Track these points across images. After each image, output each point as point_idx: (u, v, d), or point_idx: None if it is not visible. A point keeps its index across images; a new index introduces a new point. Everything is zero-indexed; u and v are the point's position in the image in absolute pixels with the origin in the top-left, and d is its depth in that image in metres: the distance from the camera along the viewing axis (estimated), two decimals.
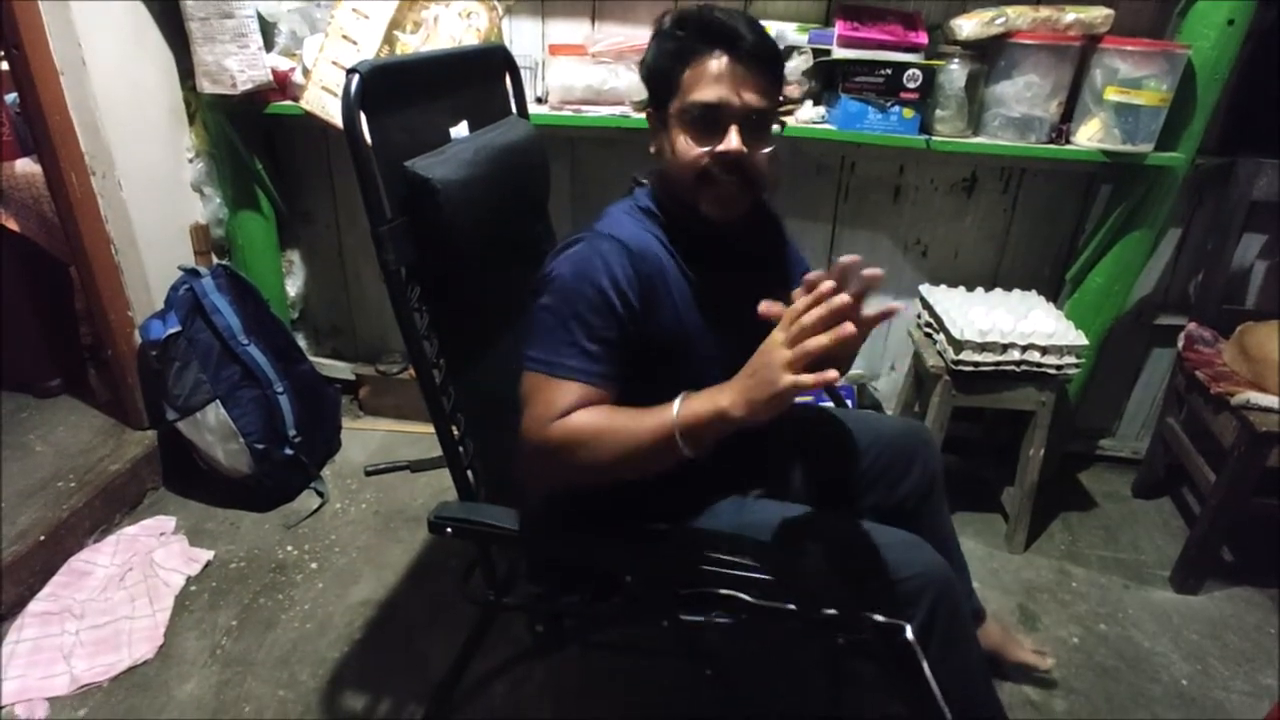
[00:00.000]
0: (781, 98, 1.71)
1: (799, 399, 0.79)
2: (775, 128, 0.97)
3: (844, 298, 0.73)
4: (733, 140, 0.91)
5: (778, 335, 0.76)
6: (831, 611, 0.95)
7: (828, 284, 0.74)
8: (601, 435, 0.86)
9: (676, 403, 0.83)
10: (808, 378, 0.73)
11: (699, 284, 0.99)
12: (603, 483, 0.91)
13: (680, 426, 0.81)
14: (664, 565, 0.97)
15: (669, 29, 0.95)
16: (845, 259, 0.76)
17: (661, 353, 0.96)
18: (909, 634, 0.93)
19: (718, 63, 0.91)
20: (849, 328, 0.72)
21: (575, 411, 0.87)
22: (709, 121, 0.92)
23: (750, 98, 0.92)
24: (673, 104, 0.94)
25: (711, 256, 1.00)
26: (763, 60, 0.93)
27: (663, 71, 0.95)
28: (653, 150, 1.01)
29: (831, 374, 0.72)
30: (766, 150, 0.95)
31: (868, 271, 0.77)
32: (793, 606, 0.97)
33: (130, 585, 1.58)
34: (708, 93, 0.91)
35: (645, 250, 0.95)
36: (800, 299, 0.75)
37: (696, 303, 0.99)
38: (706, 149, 0.93)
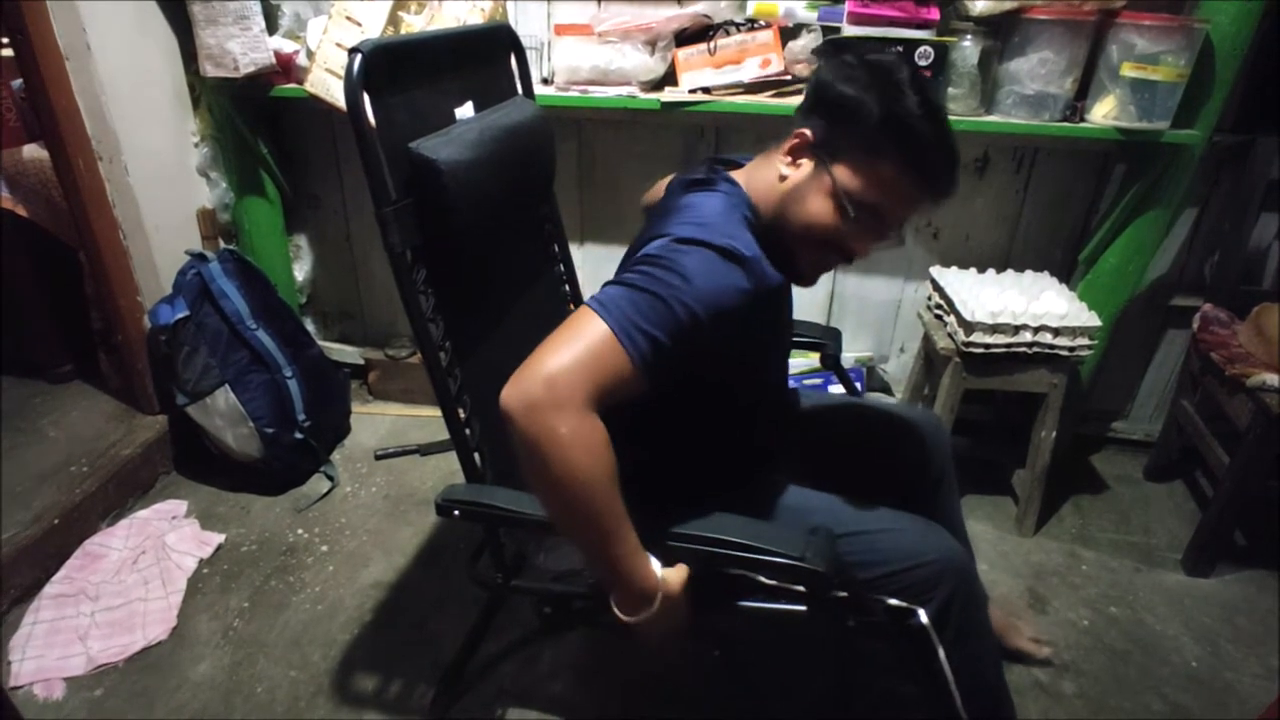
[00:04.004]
0: (790, 76, 1.70)
1: (809, 381, 0.79)
2: None
3: None
4: (870, 249, 0.89)
5: None
6: (842, 594, 0.95)
7: None
8: (602, 469, 0.76)
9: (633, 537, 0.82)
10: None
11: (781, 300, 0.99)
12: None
13: (619, 560, 0.81)
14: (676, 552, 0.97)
15: (908, 116, 0.82)
16: None
17: (744, 367, 0.96)
18: (923, 618, 0.93)
19: (922, 190, 0.85)
20: None
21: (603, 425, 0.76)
22: (870, 221, 0.87)
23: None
24: (845, 170, 0.85)
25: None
26: None
27: (867, 139, 0.83)
28: (783, 177, 0.90)
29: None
30: None
31: None
32: (802, 589, 0.97)
33: (143, 568, 1.60)
34: (893, 204, 0.86)
35: (767, 287, 0.86)
36: None
37: (777, 319, 0.99)
38: (846, 237, 0.88)
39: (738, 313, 0.81)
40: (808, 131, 0.88)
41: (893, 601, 0.94)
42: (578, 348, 0.75)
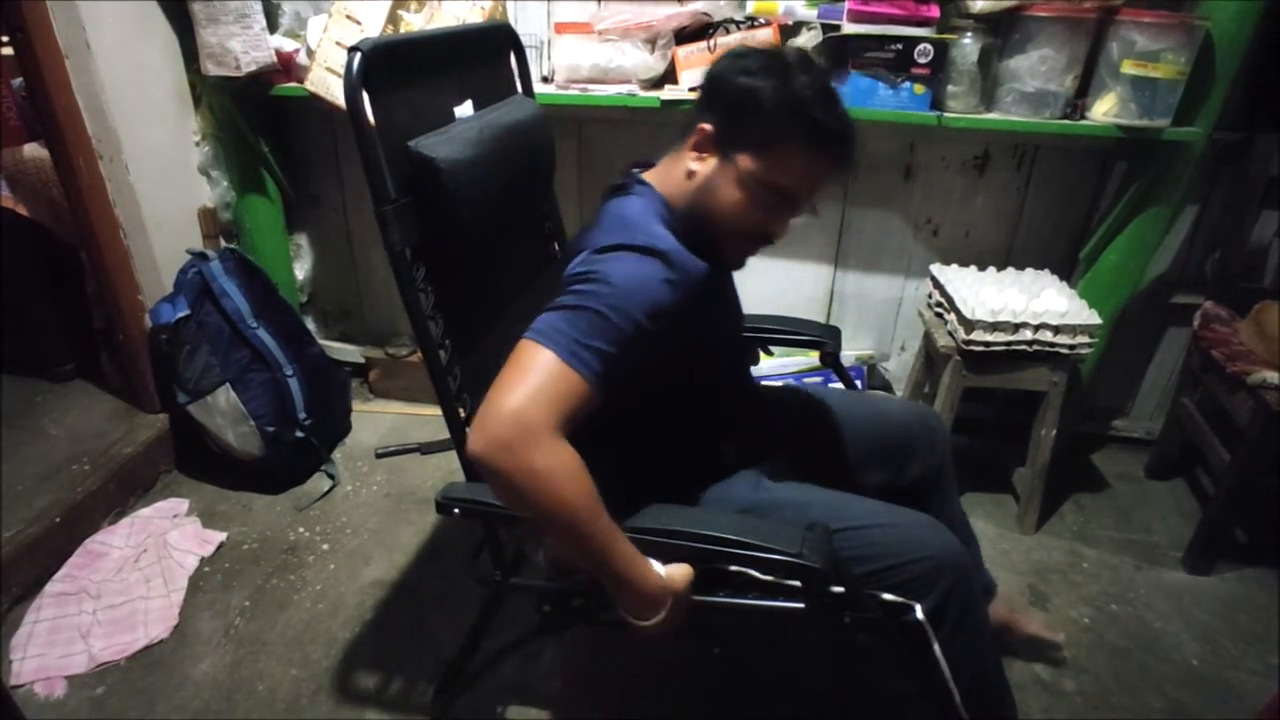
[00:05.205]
0: None
1: (809, 379, 0.80)
2: None
3: None
4: (787, 227, 0.92)
5: None
6: (838, 590, 0.95)
7: None
8: (584, 493, 0.77)
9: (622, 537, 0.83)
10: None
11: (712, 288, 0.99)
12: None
13: (620, 558, 0.82)
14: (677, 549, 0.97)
15: (798, 97, 0.85)
16: None
17: (692, 357, 0.97)
18: (919, 614, 0.93)
19: (824, 165, 0.89)
20: None
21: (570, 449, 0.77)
22: (780, 202, 0.90)
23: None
24: (748, 158, 0.88)
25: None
26: None
27: (763, 125, 0.86)
28: (691, 173, 0.93)
29: None
30: None
31: None
32: (798, 584, 0.97)
33: (145, 566, 1.60)
34: (799, 183, 0.89)
35: (691, 276, 0.88)
36: None
37: (716, 306, 1.00)
38: (762, 222, 0.91)
39: (669, 303, 0.84)
40: (707, 126, 0.91)
41: (888, 596, 0.94)
42: (531, 381, 0.76)
